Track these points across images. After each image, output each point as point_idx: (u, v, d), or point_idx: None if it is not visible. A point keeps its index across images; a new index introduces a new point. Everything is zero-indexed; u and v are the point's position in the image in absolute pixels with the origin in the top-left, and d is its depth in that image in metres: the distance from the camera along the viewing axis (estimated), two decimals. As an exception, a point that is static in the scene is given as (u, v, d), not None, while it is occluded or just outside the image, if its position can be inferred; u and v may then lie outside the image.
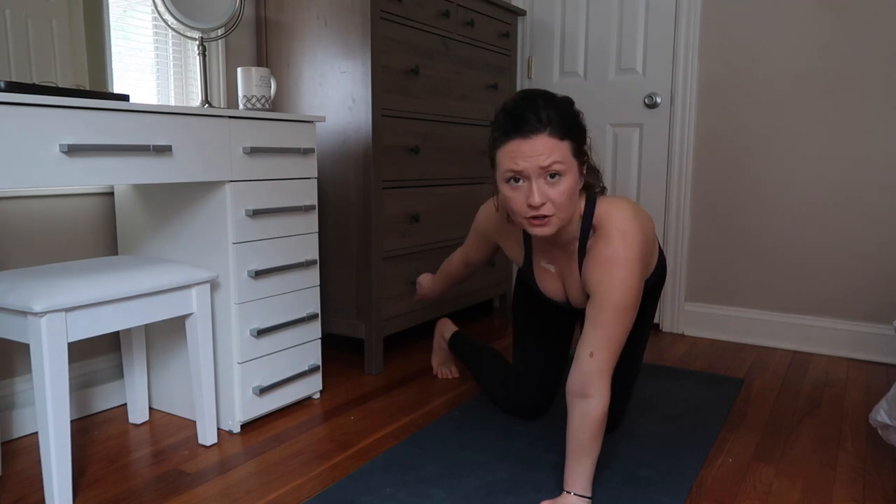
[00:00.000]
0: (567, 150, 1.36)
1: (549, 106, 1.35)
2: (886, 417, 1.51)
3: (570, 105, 1.41)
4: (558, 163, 1.34)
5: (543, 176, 1.34)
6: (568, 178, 1.36)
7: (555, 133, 1.34)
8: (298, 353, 1.98)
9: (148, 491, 1.51)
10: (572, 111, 1.40)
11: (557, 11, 3.04)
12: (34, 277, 1.46)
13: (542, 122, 1.33)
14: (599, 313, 1.38)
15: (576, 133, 1.38)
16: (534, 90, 1.41)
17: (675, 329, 2.91)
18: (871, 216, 2.49)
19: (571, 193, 1.37)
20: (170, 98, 2.18)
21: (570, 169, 1.36)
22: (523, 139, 1.33)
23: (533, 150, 1.33)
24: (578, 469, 1.39)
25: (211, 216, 1.76)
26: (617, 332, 1.37)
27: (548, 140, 1.33)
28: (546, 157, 1.33)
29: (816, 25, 2.51)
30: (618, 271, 1.37)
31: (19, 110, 1.29)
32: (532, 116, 1.33)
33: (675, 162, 2.82)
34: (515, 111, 1.35)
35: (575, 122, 1.39)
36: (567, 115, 1.37)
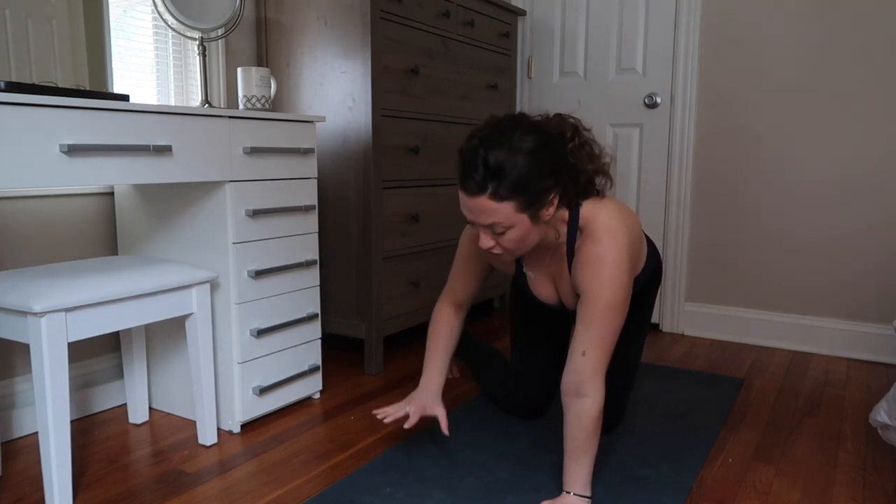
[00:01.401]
0: (510, 209, 1.28)
1: (495, 166, 1.25)
2: (886, 417, 1.51)
3: (526, 156, 1.27)
4: (498, 223, 1.31)
5: (487, 227, 1.34)
6: (513, 231, 1.32)
7: (495, 196, 1.27)
8: (298, 353, 1.98)
9: (148, 491, 1.51)
10: (524, 166, 1.26)
11: (557, 11, 3.04)
12: (34, 277, 1.46)
13: (480, 186, 1.27)
14: (590, 312, 1.37)
15: (524, 191, 1.27)
16: (493, 132, 1.29)
17: (675, 329, 2.91)
18: (872, 216, 2.49)
19: (521, 239, 1.35)
20: (170, 98, 2.18)
21: (516, 224, 1.31)
22: (466, 196, 1.31)
23: (475, 207, 1.30)
24: (577, 469, 1.39)
25: (211, 216, 1.76)
26: (608, 330, 1.37)
27: (487, 202, 1.28)
28: (486, 218, 1.31)
29: (816, 25, 2.51)
30: (606, 270, 1.37)
31: (19, 110, 1.29)
32: (473, 177, 1.27)
33: (675, 162, 2.82)
34: (462, 164, 1.30)
35: (524, 180, 1.27)
36: (515, 173, 1.26)
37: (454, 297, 1.72)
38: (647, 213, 2.91)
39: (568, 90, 3.05)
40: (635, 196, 2.94)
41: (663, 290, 2.91)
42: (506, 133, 1.28)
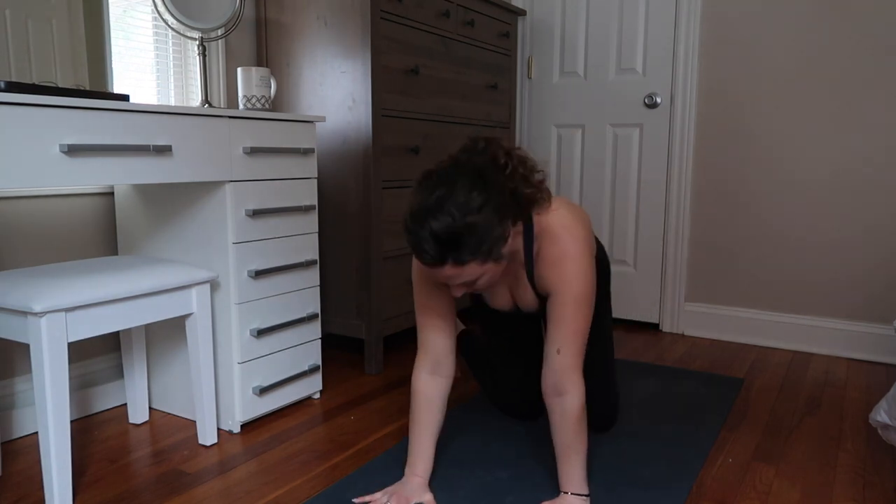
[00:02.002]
0: (475, 266, 1.25)
1: (447, 238, 1.20)
2: (886, 417, 1.51)
3: (474, 215, 1.21)
4: (468, 280, 1.29)
5: (463, 284, 1.31)
6: (484, 277, 1.30)
7: (457, 263, 1.23)
8: (298, 353, 1.98)
9: (148, 491, 1.51)
10: (475, 227, 1.21)
11: (557, 11, 3.04)
12: (34, 277, 1.46)
13: (438, 259, 1.23)
14: (560, 309, 1.38)
15: (482, 247, 1.23)
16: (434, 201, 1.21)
17: (675, 329, 2.91)
18: (872, 216, 2.49)
19: (493, 278, 1.33)
20: (170, 98, 2.18)
21: (484, 272, 1.28)
22: (432, 269, 1.26)
23: (439, 273, 1.27)
24: (569, 468, 1.39)
25: (211, 216, 1.76)
26: (580, 324, 1.38)
27: (450, 270, 1.25)
28: (454, 280, 1.28)
29: (816, 24, 2.51)
30: (570, 265, 1.38)
31: (19, 110, 1.29)
32: (427, 253, 1.23)
33: (675, 162, 2.82)
34: (413, 241, 1.24)
35: (480, 239, 1.22)
36: (470, 238, 1.21)
37: (430, 355, 1.50)
38: (647, 212, 2.91)
39: (568, 90, 3.05)
40: (635, 196, 2.94)
41: (663, 290, 2.91)
42: (444, 198, 1.21)
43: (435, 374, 1.51)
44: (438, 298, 1.49)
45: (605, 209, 3.02)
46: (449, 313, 1.51)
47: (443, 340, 1.50)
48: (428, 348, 1.50)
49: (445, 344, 1.50)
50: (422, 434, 1.49)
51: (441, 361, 1.50)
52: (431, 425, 1.50)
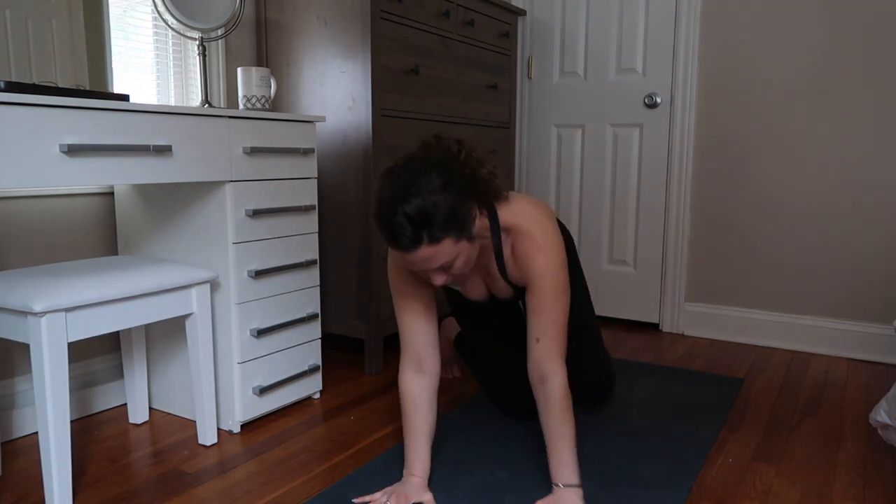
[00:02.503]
0: (450, 244, 1.28)
1: (419, 216, 1.24)
2: (886, 417, 1.51)
3: (440, 193, 1.26)
4: (446, 261, 1.31)
5: (436, 269, 1.34)
6: (460, 258, 1.33)
7: (432, 241, 1.26)
8: (298, 353, 1.98)
9: (148, 491, 1.51)
10: (443, 203, 1.26)
11: (557, 11, 3.04)
12: (34, 277, 1.46)
13: (414, 240, 1.26)
14: (538, 300, 1.43)
15: (453, 222, 1.28)
16: (399, 188, 1.26)
17: (675, 329, 2.91)
18: (871, 216, 2.49)
19: (468, 261, 1.36)
20: (170, 98, 2.18)
21: (459, 252, 1.31)
22: (402, 251, 1.29)
23: (418, 259, 1.29)
24: (559, 457, 1.40)
25: (211, 216, 1.76)
26: (557, 313, 1.43)
27: (427, 250, 1.27)
28: (433, 263, 1.30)
29: (816, 25, 2.51)
30: (543, 258, 1.43)
31: (19, 110, 1.29)
32: (404, 236, 1.26)
33: (675, 162, 2.82)
34: (387, 229, 1.27)
35: (450, 214, 1.27)
36: (440, 213, 1.25)
37: (412, 353, 1.52)
38: (647, 212, 2.91)
39: (568, 90, 3.05)
40: (635, 196, 2.94)
41: (663, 290, 2.91)
42: (410, 182, 1.26)
43: (419, 371, 1.52)
44: (416, 296, 1.52)
45: (605, 209, 3.02)
46: (427, 310, 1.54)
47: (423, 337, 1.52)
48: (409, 346, 1.53)
49: (425, 340, 1.52)
50: (414, 435, 1.50)
51: (423, 358, 1.52)
52: (423, 425, 1.50)
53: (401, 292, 1.52)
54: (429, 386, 1.52)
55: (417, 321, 1.52)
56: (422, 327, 1.52)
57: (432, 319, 1.54)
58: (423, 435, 1.50)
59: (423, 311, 1.53)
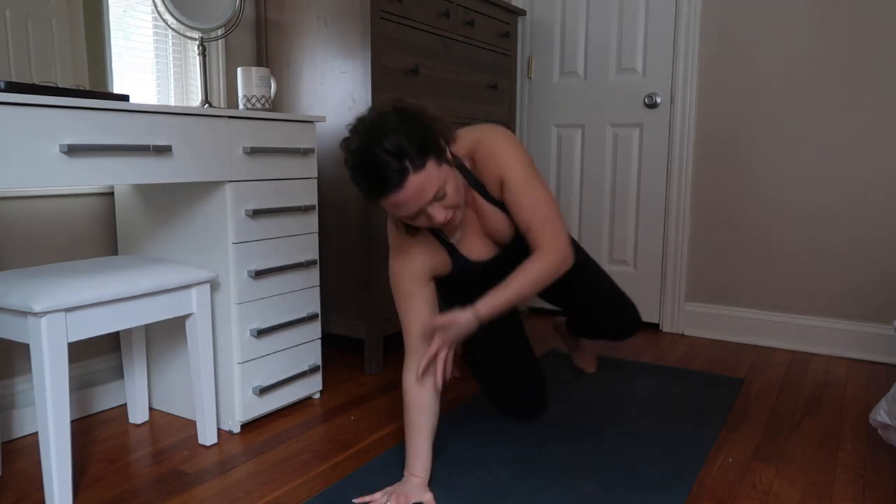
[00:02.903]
0: (433, 169, 1.32)
1: (396, 148, 1.27)
2: (886, 417, 1.51)
3: (406, 123, 1.31)
4: (437, 189, 1.32)
5: (432, 202, 1.35)
6: (449, 185, 1.36)
7: (417, 168, 1.29)
8: (298, 353, 1.98)
9: (148, 491, 1.51)
10: (412, 130, 1.30)
11: (557, 11, 3.04)
12: (34, 277, 1.46)
13: (401, 171, 1.28)
14: (514, 194, 1.49)
15: (428, 145, 1.31)
16: (366, 135, 1.30)
17: (675, 329, 2.91)
18: (872, 216, 2.49)
19: (457, 189, 1.40)
20: (170, 98, 2.18)
21: (447, 178, 1.34)
22: (395, 192, 1.30)
23: (410, 195, 1.30)
24: (492, 297, 1.45)
25: (211, 216, 1.76)
26: (537, 197, 1.49)
27: (416, 179, 1.29)
28: (426, 194, 1.32)
29: (816, 25, 2.51)
30: (502, 153, 1.49)
31: (19, 110, 1.29)
32: (391, 170, 1.27)
33: (675, 162, 2.82)
34: (373, 174, 1.29)
35: (422, 137, 1.31)
36: (413, 139, 1.29)
37: (418, 357, 1.51)
38: (647, 212, 2.91)
39: (568, 90, 3.05)
40: (635, 196, 2.94)
41: (663, 290, 2.91)
42: (374, 126, 1.31)
43: (424, 373, 1.51)
44: (420, 297, 1.53)
45: (605, 209, 3.02)
46: (432, 311, 1.54)
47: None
48: (414, 349, 1.53)
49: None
50: (417, 437, 1.50)
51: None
52: (426, 427, 1.50)
53: (405, 294, 1.52)
54: (433, 389, 1.51)
55: (423, 315, 1.53)
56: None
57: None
58: (424, 436, 1.50)
59: (428, 313, 1.53)
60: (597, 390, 2.15)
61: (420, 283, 1.53)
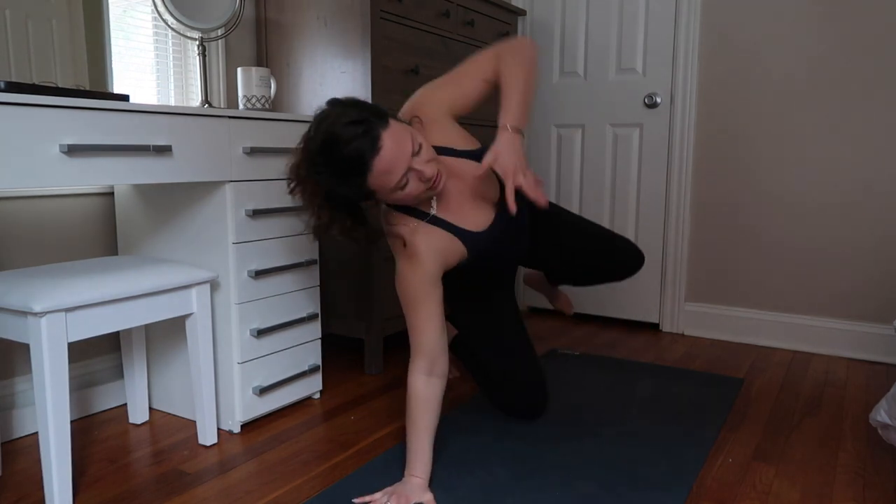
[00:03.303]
0: (397, 125, 1.38)
1: (360, 120, 1.34)
2: (886, 417, 1.51)
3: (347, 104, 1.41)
4: (412, 139, 1.37)
5: (415, 156, 1.38)
6: (419, 137, 1.41)
7: (384, 126, 1.35)
8: (298, 353, 1.98)
9: (148, 491, 1.51)
10: (356, 102, 1.41)
11: (557, 11, 3.04)
12: (34, 277, 1.46)
13: (369, 133, 1.33)
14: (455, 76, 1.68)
15: (381, 109, 1.40)
16: (321, 128, 1.38)
17: (675, 329, 2.91)
18: (872, 216, 2.49)
19: (426, 143, 1.43)
20: (170, 98, 2.18)
21: (412, 135, 1.39)
22: (376, 157, 1.33)
23: (391, 153, 1.34)
24: (508, 101, 1.57)
25: (211, 216, 1.76)
26: (457, 70, 1.69)
27: (388, 134, 1.34)
28: (405, 145, 1.36)
29: (816, 24, 2.51)
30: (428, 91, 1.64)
31: (19, 110, 1.29)
32: (364, 140, 1.32)
33: (675, 162, 2.82)
34: (344, 158, 1.34)
35: (370, 105, 1.41)
36: (363, 108, 1.38)
37: (427, 358, 1.50)
38: (647, 212, 2.91)
39: (568, 90, 3.05)
40: (635, 196, 2.94)
41: (663, 290, 2.91)
42: (324, 118, 1.39)
43: (431, 374, 1.50)
44: (429, 299, 1.50)
45: (605, 209, 3.02)
46: (440, 313, 1.52)
47: (436, 339, 1.50)
48: (422, 349, 1.50)
49: (438, 343, 1.51)
50: (420, 436, 1.49)
51: (436, 361, 1.50)
52: (429, 427, 1.49)
53: (420, 296, 1.50)
54: (439, 389, 1.51)
55: (431, 324, 1.50)
56: (434, 330, 1.50)
57: (443, 323, 1.53)
58: (426, 436, 1.49)
59: (436, 315, 1.51)
60: (597, 390, 2.15)
61: (431, 285, 1.51)
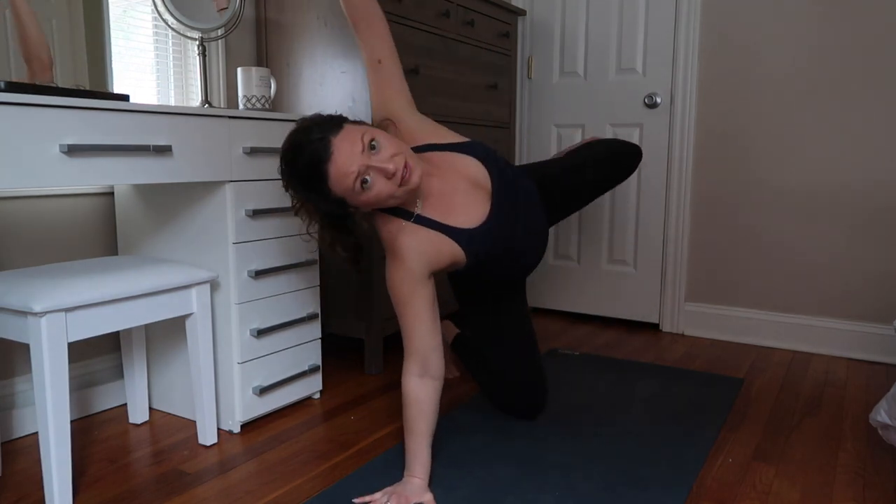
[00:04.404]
0: (351, 126, 1.40)
1: (313, 134, 1.38)
2: (886, 417, 1.51)
3: (309, 119, 1.45)
4: (362, 136, 1.38)
5: (369, 153, 1.38)
6: (379, 134, 1.41)
7: (335, 132, 1.37)
8: (298, 353, 1.98)
9: (148, 491, 1.51)
10: (318, 116, 1.45)
11: (557, 11, 3.04)
12: (34, 277, 1.46)
13: (322, 139, 1.36)
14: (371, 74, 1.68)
15: (340, 118, 1.43)
16: (291, 144, 1.43)
17: (675, 329, 2.91)
18: (872, 216, 2.49)
19: (391, 139, 1.43)
20: (170, 98, 2.18)
21: (369, 129, 1.40)
22: (329, 163, 1.36)
23: (342, 157, 1.36)
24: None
25: (211, 216, 1.76)
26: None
27: (338, 139, 1.36)
28: (355, 145, 1.37)
29: (816, 25, 2.51)
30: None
31: (19, 110, 1.29)
32: (315, 148, 1.36)
33: (675, 162, 2.82)
34: (304, 165, 1.38)
35: (330, 117, 1.44)
36: (322, 120, 1.42)
37: (420, 359, 1.49)
38: (647, 212, 2.92)
39: (568, 90, 3.05)
40: (635, 196, 2.94)
41: (663, 290, 2.91)
42: (294, 135, 1.43)
43: (424, 375, 1.49)
44: (421, 299, 1.49)
45: (605, 209, 3.02)
46: (433, 313, 1.51)
47: (429, 340, 1.49)
48: (414, 350, 1.50)
49: (431, 343, 1.49)
50: (417, 438, 1.49)
51: (428, 361, 1.49)
52: (426, 429, 1.49)
53: (406, 296, 1.50)
54: (433, 390, 1.50)
55: (421, 325, 1.49)
56: (427, 331, 1.49)
57: (437, 323, 1.52)
58: (424, 438, 1.49)
59: (429, 315, 1.50)
60: (597, 390, 2.15)
61: (417, 286, 1.50)
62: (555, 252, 3.18)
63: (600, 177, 1.94)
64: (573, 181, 1.92)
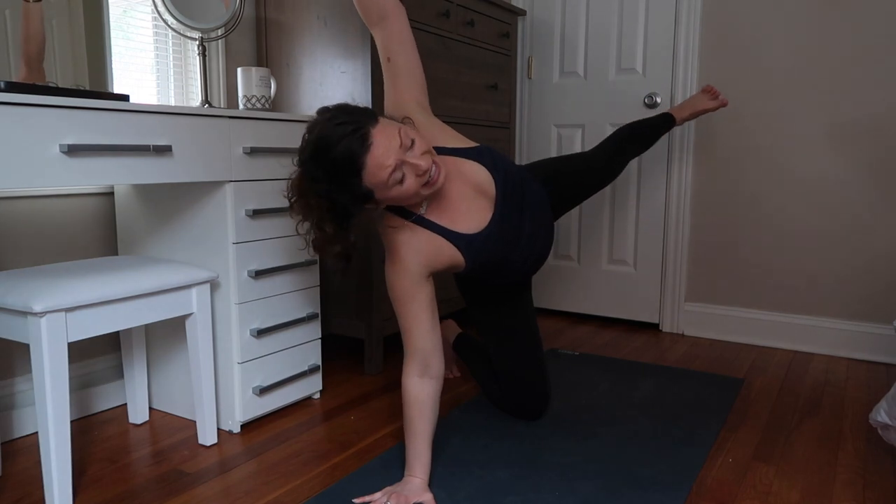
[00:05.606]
0: (386, 121, 1.39)
1: (343, 121, 1.36)
2: (886, 417, 1.51)
3: (335, 109, 1.43)
4: (401, 134, 1.37)
5: (408, 151, 1.38)
6: (412, 132, 1.40)
7: (372, 123, 1.36)
8: (298, 353, 1.98)
9: (148, 491, 1.51)
10: (345, 106, 1.43)
11: (557, 11, 3.04)
12: (34, 277, 1.46)
13: (359, 131, 1.33)
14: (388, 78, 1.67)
15: (369, 110, 1.42)
16: (314, 133, 1.40)
17: (675, 329, 2.91)
18: (872, 216, 2.49)
19: (422, 138, 1.42)
20: (170, 98, 2.18)
21: (400, 130, 1.39)
22: (368, 154, 1.34)
23: (382, 148, 1.34)
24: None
25: (211, 216, 1.76)
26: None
27: (377, 131, 1.35)
28: (394, 139, 1.36)
29: (816, 24, 2.51)
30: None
31: (19, 110, 1.29)
32: (352, 140, 1.33)
33: (675, 162, 2.82)
34: (336, 157, 1.34)
35: (359, 108, 1.42)
36: (352, 110, 1.40)
37: (420, 359, 1.49)
38: (646, 212, 2.92)
39: (568, 90, 3.05)
40: (635, 196, 2.94)
41: (663, 290, 2.91)
42: (316, 124, 1.41)
43: (424, 376, 1.49)
44: (421, 299, 1.49)
45: (605, 209, 3.02)
46: (432, 313, 1.51)
47: (429, 340, 1.49)
48: (414, 350, 1.50)
49: (431, 343, 1.49)
50: (417, 438, 1.49)
51: (429, 362, 1.49)
52: (426, 429, 1.49)
53: (404, 296, 1.50)
54: (433, 390, 1.50)
55: (423, 325, 1.49)
56: (426, 331, 1.49)
57: (437, 323, 1.52)
58: (424, 436, 1.49)
59: (428, 315, 1.50)
60: (597, 390, 2.15)
61: (414, 285, 1.50)
62: (555, 252, 3.18)
63: (602, 165, 2.02)
64: (578, 178, 1.96)
